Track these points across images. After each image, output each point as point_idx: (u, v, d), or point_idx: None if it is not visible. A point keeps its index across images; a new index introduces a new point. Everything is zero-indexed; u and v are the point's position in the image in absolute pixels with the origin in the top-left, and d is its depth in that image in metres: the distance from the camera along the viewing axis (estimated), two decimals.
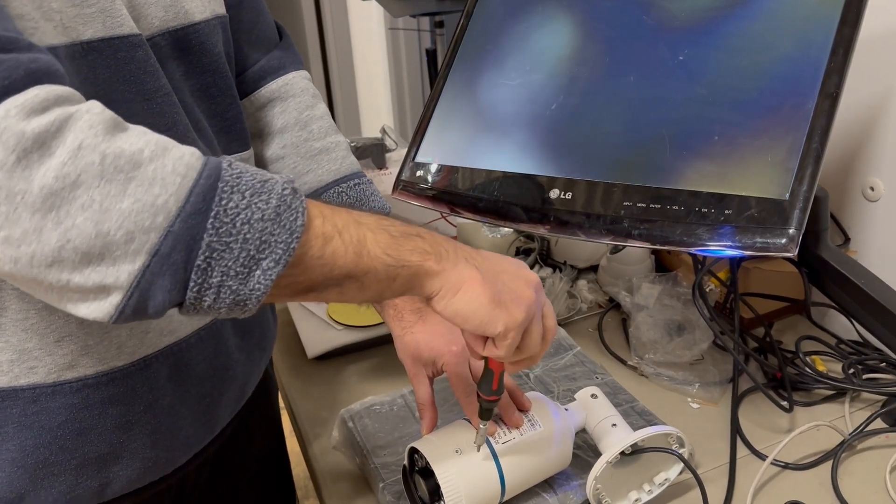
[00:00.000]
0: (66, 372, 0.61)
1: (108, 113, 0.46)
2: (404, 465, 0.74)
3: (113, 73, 0.59)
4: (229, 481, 0.86)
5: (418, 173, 0.88)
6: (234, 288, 0.47)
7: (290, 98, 0.84)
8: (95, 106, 0.46)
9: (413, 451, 0.72)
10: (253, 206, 0.47)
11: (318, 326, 1.06)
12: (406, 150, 0.92)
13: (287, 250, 0.48)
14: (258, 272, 0.47)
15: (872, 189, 0.97)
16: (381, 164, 1.27)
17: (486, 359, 0.64)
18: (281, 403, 1.02)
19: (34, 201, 0.43)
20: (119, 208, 0.44)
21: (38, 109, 0.43)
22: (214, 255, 0.46)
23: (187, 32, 0.67)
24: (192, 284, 0.46)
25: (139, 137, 0.46)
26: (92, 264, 0.44)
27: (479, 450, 0.69)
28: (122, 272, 0.45)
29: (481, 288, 0.56)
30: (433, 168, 0.87)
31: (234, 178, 0.48)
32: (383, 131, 1.41)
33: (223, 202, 0.47)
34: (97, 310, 0.46)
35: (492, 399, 0.66)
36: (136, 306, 0.46)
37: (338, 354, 1.04)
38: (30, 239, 0.43)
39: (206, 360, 0.71)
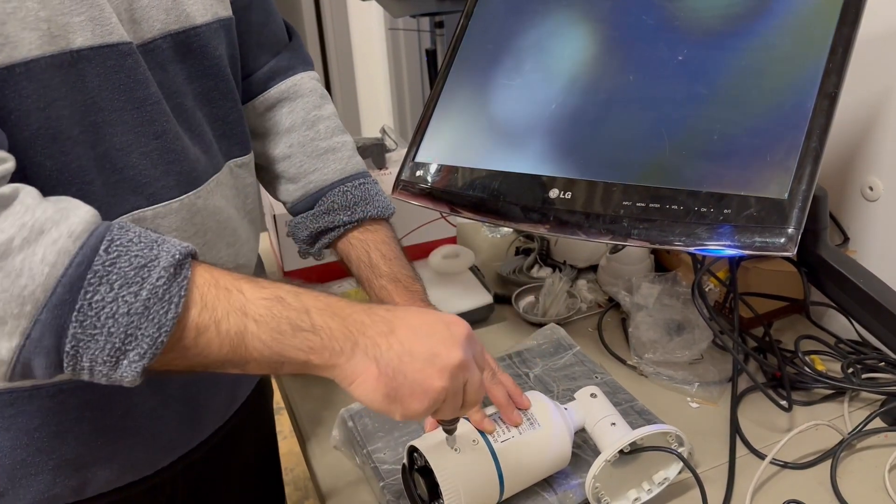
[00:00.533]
0: None
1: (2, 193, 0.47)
2: (404, 464, 0.75)
3: (103, 81, 0.58)
4: (218, 484, 0.86)
5: (418, 173, 0.88)
6: (104, 372, 0.48)
7: (299, 98, 0.84)
8: None
9: (412, 449, 0.72)
10: (119, 299, 0.47)
11: None
12: (406, 150, 0.92)
13: (154, 344, 0.48)
14: (125, 362, 0.48)
15: (871, 189, 0.97)
16: (381, 164, 1.27)
17: None
18: (280, 403, 1.02)
19: None
20: None
21: None
22: (80, 344, 0.47)
23: (188, 36, 0.67)
24: (65, 364, 0.48)
25: (14, 221, 0.46)
26: None
27: (456, 451, 0.69)
28: (3, 348, 0.46)
29: (375, 383, 0.54)
30: (433, 168, 0.87)
31: (106, 268, 0.47)
32: (383, 131, 1.41)
33: (88, 295, 0.47)
34: None
35: (449, 423, 0.66)
36: (23, 374, 0.48)
37: None
38: None
39: None
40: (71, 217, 0.48)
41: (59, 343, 0.47)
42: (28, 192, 0.48)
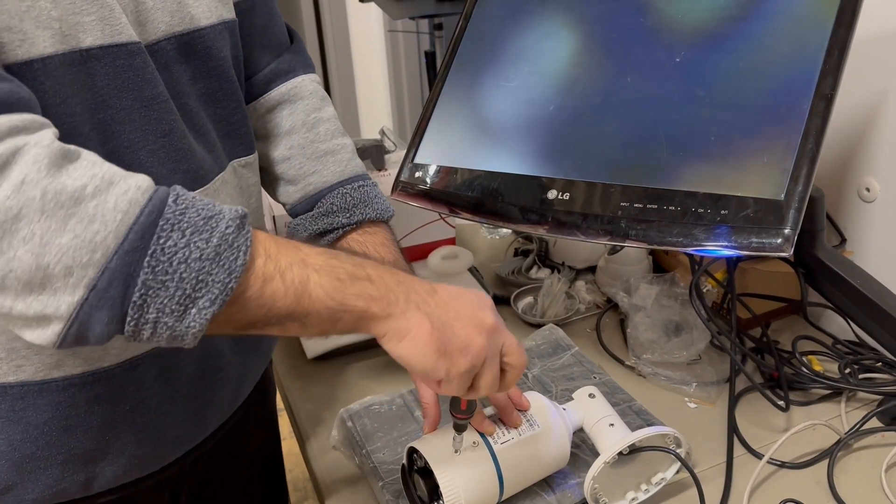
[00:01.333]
0: (52, 371, 0.63)
1: (57, 145, 0.47)
2: (403, 465, 0.75)
3: (111, 80, 0.59)
4: (222, 480, 0.87)
5: (417, 174, 0.89)
6: (169, 324, 0.48)
7: (299, 101, 0.85)
8: (45, 137, 0.47)
9: (412, 450, 0.73)
10: (192, 244, 0.48)
11: None
12: (405, 151, 0.93)
13: (224, 290, 0.48)
14: (193, 310, 0.48)
15: (868, 190, 0.97)
16: (380, 166, 1.28)
17: None
18: (280, 404, 1.02)
19: None
20: (59, 243, 0.45)
21: None
22: (150, 292, 0.47)
23: (193, 37, 0.68)
24: (129, 319, 0.47)
25: (85, 171, 0.47)
26: (33, 294, 0.46)
27: (457, 453, 0.69)
28: (62, 303, 0.46)
29: (427, 337, 0.56)
30: (432, 169, 0.88)
31: (177, 216, 0.48)
32: (382, 132, 1.41)
33: (161, 241, 0.47)
34: (40, 337, 0.47)
35: (464, 417, 0.67)
36: (77, 335, 0.47)
37: (337, 355, 1.04)
38: None
39: (195, 362, 0.71)
40: (136, 175, 0.49)
41: (125, 293, 0.46)
42: (90, 152, 0.49)
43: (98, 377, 0.64)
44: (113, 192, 0.47)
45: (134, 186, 0.48)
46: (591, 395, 0.78)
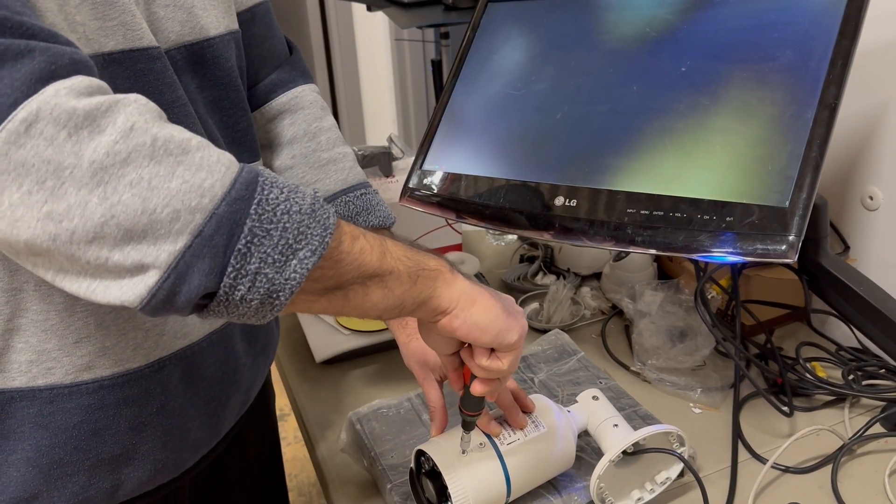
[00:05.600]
0: (83, 373, 0.63)
1: (154, 104, 0.48)
2: (411, 469, 0.76)
3: (132, 84, 0.60)
4: (225, 486, 0.87)
5: (425, 181, 0.90)
6: (270, 276, 0.48)
7: (300, 110, 0.86)
8: (141, 97, 0.48)
9: (419, 453, 0.73)
10: (291, 199, 0.49)
11: (326, 331, 1.08)
12: (413, 158, 0.94)
13: (322, 242, 0.49)
14: (294, 261, 0.48)
15: (871, 198, 0.98)
16: (388, 172, 1.29)
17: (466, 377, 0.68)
18: (286, 408, 1.03)
19: (82, 176, 0.44)
20: (167, 187, 0.45)
21: (85, 93, 0.45)
22: (255, 240, 0.47)
23: (202, 47, 0.69)
24: (229, 269, 0.47)
25: (184, 130, 0.48)
26: (133, 242, 0.45)
27: (464, 453, 0.71)
28: (163, 251, 0.45)
29: (493, 300, 0.60)
30: (440, 176, 0.89)
31: (272, 177, 0.50)
32: (390, 140, 1.42)
33: (265, 192, 0.48)
34: (129, 291, 0.46)
35: (473, 414, 0.68)
36: (170, 289, 0.46)
37: (345, 359, 1.05)
38: (73, 214, 0.44)
39: (216, 364, 0.72)
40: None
41: (230, 241, 0.46)
42: None
43: (128, 378, 0.65)
44: (213, 149, 0.48)
45: (227, 153, 0.49)
46: (595, 398, 0.79)
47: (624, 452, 0.72)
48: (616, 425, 0.75)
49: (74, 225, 0.44)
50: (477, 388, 0.65)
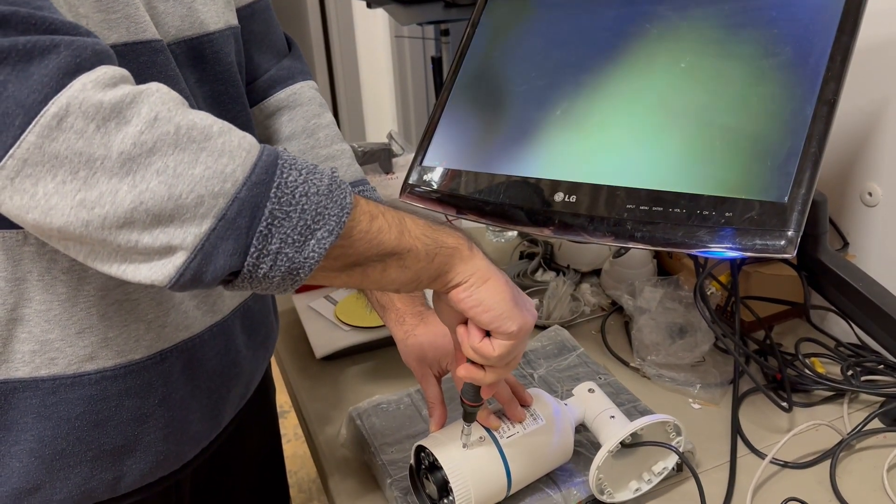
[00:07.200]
0: (85, 364, 0.63)
1: (175, 93, 0.50)
2: (411, 465, 0.76)
3: (135, 76, 0.60)
4: (226, 478, 0.87)
5: (425, 177, 0.90)
6: (290, 255, 0.50)
7: (298, 107, 0.86)
8: (163, 86, 0.49)
9: (420, 449, 0.74)
10: (309, 181, 0.51)
11: (326, 327, 1.08)
12: (413, 155, 0.94)
13: (339, 223, 0.51)
14: (313, 241, 0.50)
15: (871, 194, 0.99)
16: (387, 169, 1.29)
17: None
18: (286, 405, 1.03)
19: (112, 166, 0.46)
20: (191, 174, 0.47)
21: (110, 84, 0.47)
22: (275, 222, 0.49)
23: (202, 42, 0.69)
24: (252, 250, 0.49)
25: (206, 116, 0.49)
26: (161, 226, 0.47)
27: (464, 446, 0.71)
28: (189, 234, 0.47)
29: (505, 285, 0.61)
30: (440, 172, 0.89)
31: (291, 159, 0.51)
32: (390, 136, 1.42)
33: (284, 175, 0.50)
34: (159, 272, 0.48)
35: (474, 405, 0.69)
36: (197, 269, 0.48)
37: (345, 355, 1.06)
38: (104, 201, 0.46)
39: (217, 356, 0.73)
40: None
41: (252, 223, 0.48)
42: None
43: (130, 370, 0.65)
44: (235, 133, 0.50)
45: (248, 135, 0.50)
46: (591, 390, 0.80)
47: (622, 444, 0.72)
48: (613, 417, 0.76)
49: (106, 211, 0.46)
50: (461, 372, 0.65)
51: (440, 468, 0.70)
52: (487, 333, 0.62)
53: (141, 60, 0.61)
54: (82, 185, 0.45)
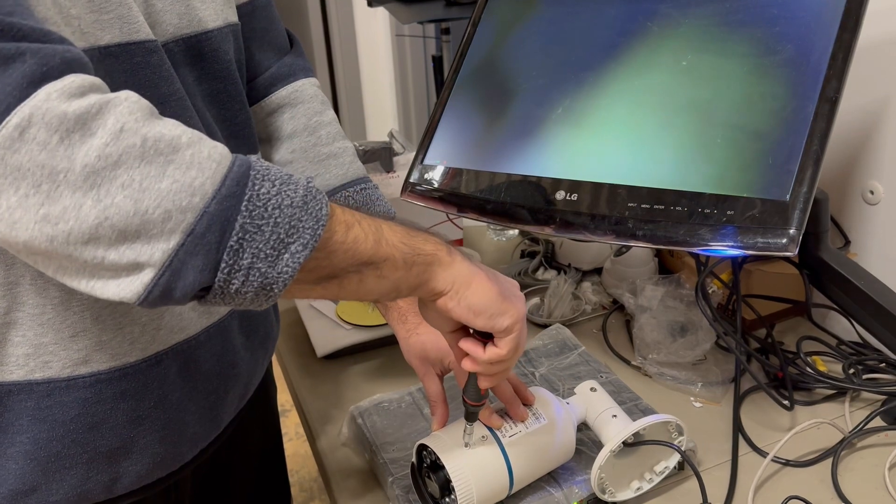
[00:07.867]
0: (80, 367, 0.63)
1: (145, 101, 0.48)
2: (412, 463, 0.76)
3: (129, 77, 0.60)
4: (227, 479, 0.87)
5: (426, 175, 0.90)
6: (262, 270, 0.48)
7: (300, 104, 0.86)
8: (132, 95, 0.48)
9: (421, 447, 0.74)
10: (282, 193, 0.49)
11: (328, 326, 1.08)
12: (414, 153, 0.94)
13: (314, 235, 0.50)
14: (286, 255, 0.49)
15: (872, 193, 0.99)
16: (388, 168, 1.29)
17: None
18: (287, 404, 1.03)
19: (76, 179, 0.44)
20: (158, 188, 0.45)
21: (77, 94, 0.45)
22: (247, 236, 0.48)
23: (200, 40, 0.69)
24: (223, 265, 0.47)
25: (176, 126, 0.48)
26: (127, 242, 0.46)
27: (466, 445, 0.71)
28: (157, 250, 0.46)
29: (489, 283, 0.60)
30: (441, 171, 0.89)
31: (264, 170, 0.50)
32: (391, 135, 1.42)
33: (256, 187, 0.48)
34: (126, 288, 0.47)
35: (477, 404, 0.68)
36: (166, 286, 0.47)
37: (346, 354, 1.06)
38: (68, 216, 0.44)
39: (213, 358, 0.73)
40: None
41: (222, 238, 0.47)
42: None
43: (125, 373, 0.65)
44: (205, 144, 0.48)
45: (220, 145, 0.49)
46: (593, 389, 0.80)
47: (624, 443, 0.72)
48: (615, 416, 0.76)
49: (70, 227, 0.45)
50: (467, 365, 0.65)
51: (442, 467, 0.70)
52: (483, 334, 0.62)
53: (134, 61, 0.60)
54: (45, 198, 0.44)
